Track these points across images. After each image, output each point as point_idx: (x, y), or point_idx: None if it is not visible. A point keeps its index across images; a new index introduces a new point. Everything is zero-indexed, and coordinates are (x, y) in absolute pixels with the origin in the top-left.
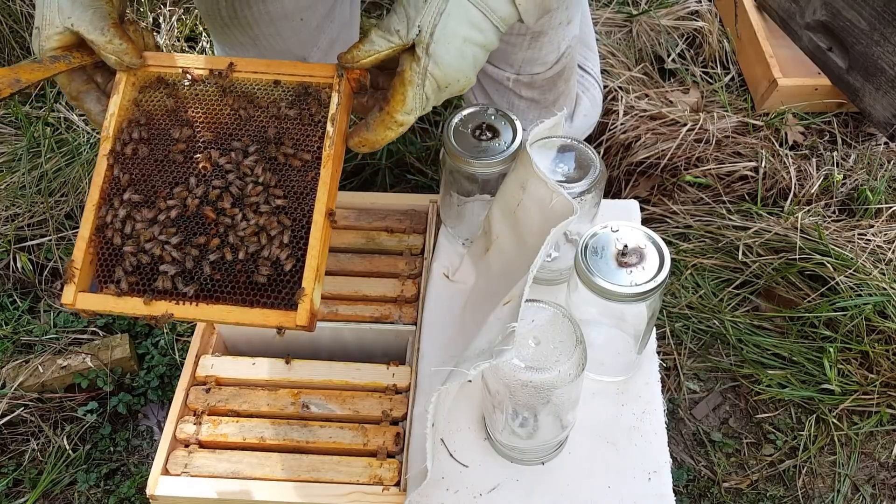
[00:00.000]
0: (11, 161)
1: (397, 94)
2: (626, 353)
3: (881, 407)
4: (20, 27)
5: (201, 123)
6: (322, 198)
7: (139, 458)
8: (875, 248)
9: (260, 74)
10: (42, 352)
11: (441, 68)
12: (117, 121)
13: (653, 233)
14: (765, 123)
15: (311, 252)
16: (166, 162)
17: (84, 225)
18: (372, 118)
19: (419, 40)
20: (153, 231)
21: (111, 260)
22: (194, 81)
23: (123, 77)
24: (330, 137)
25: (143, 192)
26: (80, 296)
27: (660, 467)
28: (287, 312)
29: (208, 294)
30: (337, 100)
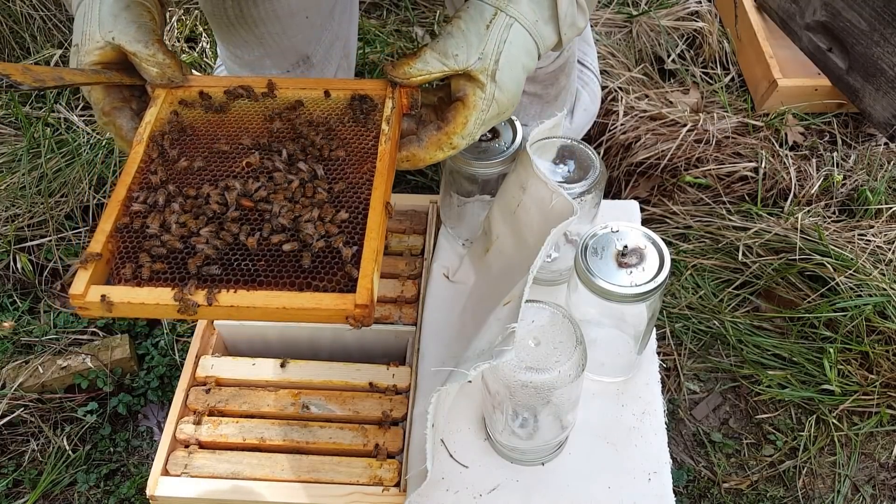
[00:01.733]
0: (11, 161)
1: (459, 116)
2: (626, 353)
3: (881, 407)
4: (20, 27)
5: (247, 131)
6: (380, 186)
7: (139, 458)
8: (875, 249)
9: (308, 91)
10: (42, 352)
11: (505, 94)
12: (152, 128)
13: (653, 233)
14: (765, 124)
15: (370, 234)
16: (205, 165)
17: (105, 219)
18: (426, 136)
19: (482, 67)
20: (184, 218)
21: (133, 250)
22: (238, 97)
23: (162, 93)
24: (385, 134)
25: (178, 187)
26: (94, 287)
27: (660, 468)
28: (343, 295)
29: (249, 278)
30: (391, 104)
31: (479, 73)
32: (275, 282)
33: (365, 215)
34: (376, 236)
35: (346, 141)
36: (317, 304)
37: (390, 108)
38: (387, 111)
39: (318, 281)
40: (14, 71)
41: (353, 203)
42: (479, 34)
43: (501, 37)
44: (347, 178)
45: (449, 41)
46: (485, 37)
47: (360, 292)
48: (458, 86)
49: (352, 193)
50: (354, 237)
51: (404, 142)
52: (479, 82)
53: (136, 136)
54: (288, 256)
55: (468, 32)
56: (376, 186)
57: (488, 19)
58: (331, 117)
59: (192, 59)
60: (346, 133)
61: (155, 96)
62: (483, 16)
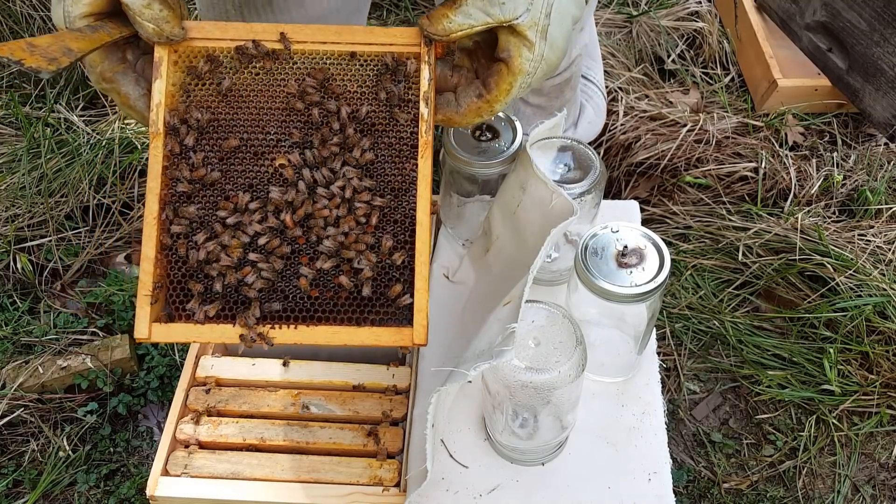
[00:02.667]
0: (11, 161)
1: (503, 82)
2: (626, 353)
3: (881, 408)
4: (20, 27)
5: (269, 112)
6: (424, 193)
7: (139, 458)
8: (875, 249)
9: (330, 45)
10: (42, 352)
11: (555, 52)
12: (165, 111)
13: (653, 233)
14: (765, 124)
15: (420, 258)
16: (235, 161)
17: (147, 242)
18: (465, 102)
19: (531, 21)
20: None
21: (186, 281)
22: (252, 59)
23: (164, 55)
24: (425, 121)
25: (211, 199)
26: (156, 327)
27: (660, 468)
28: (401, 330)
29: (307, 314)
30: (428, 74)
31: (527, 28)
32: (332, 317)
33: (412, 231)
34: (426, 259)
35: (383, 131)
36: (376, 341)
37: (427, 81)
38: (423, 84)
39: (374, 314)
40: (24, 54)
41: (398, 218)
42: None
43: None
44: (389, 183)
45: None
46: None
47: (417, 330)
48: (503, 43)
49: (395, 204)
50: (404, 262)
51: (440, 103)
52: (527, 40)
53: (150, 125)
54: (341, 289)
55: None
56: (420, 195)
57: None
58: (362, 98)
59: None
60: (381, 118)
61: (156, 62)
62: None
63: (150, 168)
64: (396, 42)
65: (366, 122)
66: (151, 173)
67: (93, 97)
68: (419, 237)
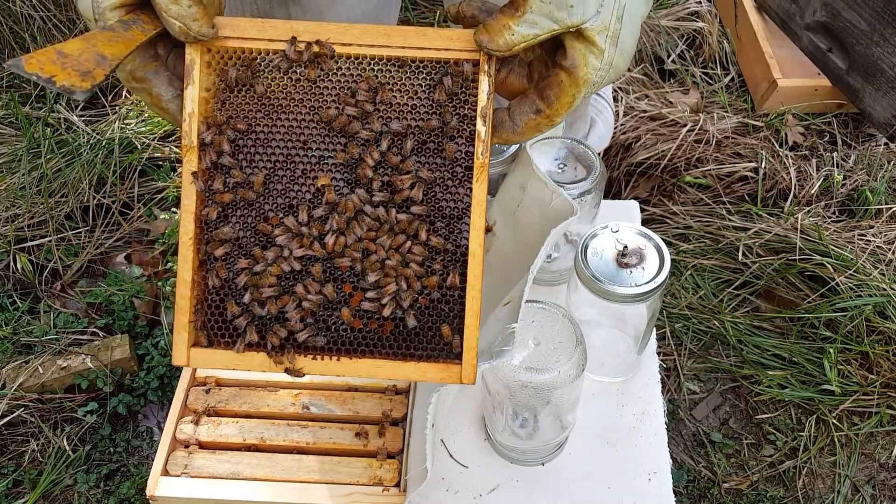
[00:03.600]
0: (11, 161)
1: (565, 94)
2: (626, 353)
3: (881, 408)
4: (20, 27)
5: (311, 125)
6: (478, 222)
7: (139, 458)
8: (875, 249)
9: (378, 49)
10: (42, 352)
11: (625, 59)
12: (199, 121)
13: (653, 233)
14: (765, 124)
15: (471, 292)
16: (273, 178)
17: (182, 264)
18: (522, 119)
19: (601, 26)
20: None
21: (224, 306)
22: (292, 63)
23: (196, 56)
24: (482, 140)
25: (249, 219)
26: (195, 352)
27: (660, 468)
28: (448, 366)
29: (350, 346)
30: (487, 87)
31: (596, 33)
32: (376, 350)
33: (464, 263)
34: (477, 294)
35: (434, 150)
36: (422, 376)
37: (486, 95)
38: (482, 99)
39: (421, 349)
40: (55, 68)
41: (449, 248)
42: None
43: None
44: (440, 209)
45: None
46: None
47: (466, 369)
48: (568, 49)
49: (446, 232)
50: (453, 295)
51: (493, 124)
52: (596, 46)
53: (183, 136)
54: (386, 321)
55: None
56: (474, 224)
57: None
58: (413, 111)
59: None
60: (432, 134)
61: (187, 65)
62: None
63: (185, 187)
64: (453, 46)
65: (416, 140)
66: (186, 191)
67: (92, 97)
68: (471, 269)
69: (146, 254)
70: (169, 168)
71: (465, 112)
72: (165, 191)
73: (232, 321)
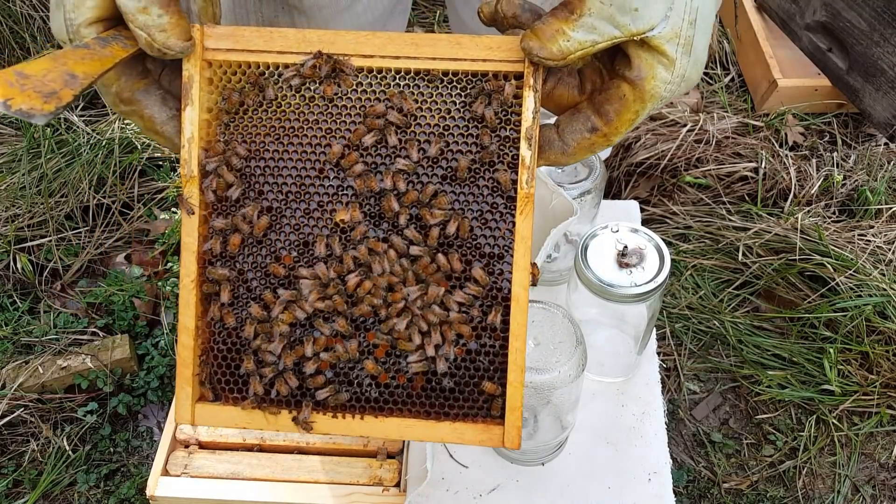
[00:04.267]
0: (11, 161)
1: (627, 110)
2: (626, 353)
3: (881, 408)
4: (20, 27)
5: (328, 150)
6: (522, 262)
7: (139, 458)
8: (875, 249)
9: (404, 61)
10: (42, 352)
11: (698, 70)
12: (200, 147)
13: (653, 233)
14: (765, 124)
15: (514, 343)
16: (285, 211)
17: (184, 310)
18: (574, 139)
19: (672, 33)
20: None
21: (233, 356)
22: (305, 79)
23: (195, 72)
24: (527, 167)
25: (259, 258)
26: (200, 409)
27: (660, 468)
28: (488, 426)
29: (375, 403)
30: (533, 104)
31: (665, 41)
32: (406, 408)
33: (506, 309)
34: (521, 344)
35: (471, 178)
36: (458, 438)
37: (531, 114)
38: (526, 118)
39: (456, 406)
40: (11, 91)
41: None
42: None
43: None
44: (477, 247)
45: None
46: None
47: (509, 431)
48: (633, 59)
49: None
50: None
51: (539, 144)
52: (666, 56)
53: (182, 165)
54: (417, 376)
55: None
56: (517, 264)
57: None
58: (445, 132)
59: None
60: (468, 160)
61: (185, 82)
62: None
63: (186, 222)
64: (492, 57)
65: (448, 168)
66: (186, 226)
67: (93, 97)
68: (514, 317)
69: (146, 254)
70: (169, 168)
71: (507, 133)
72: (165, 191)
73: (242, 374)
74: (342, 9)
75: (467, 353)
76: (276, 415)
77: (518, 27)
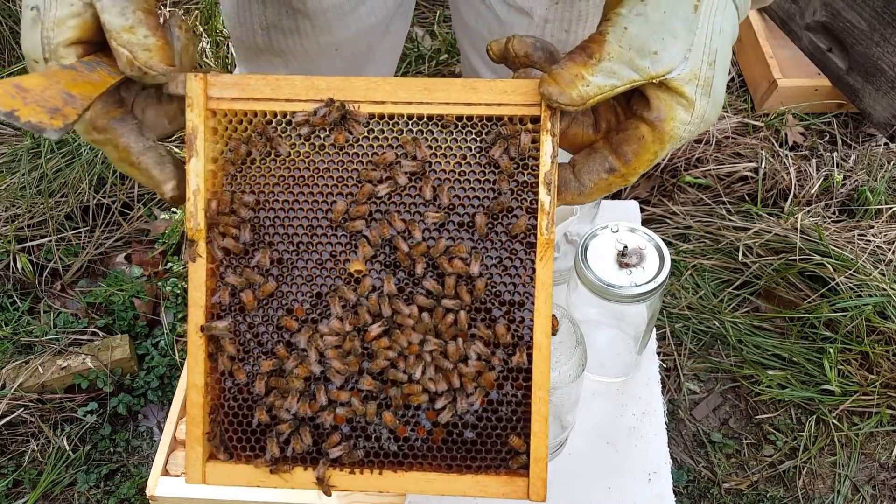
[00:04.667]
0: (12, 162)
1: (646, 151)
2: (626, 353)
3: (881, 408)
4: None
5: (338, 200)
6: (543, 309)
7: (139, 458)
8: (875, 249)
9: (417, 106)
10: (42, 352)
11: (717, 109)
12: (206, 199)
13: (653, 233)
14: (765, 124)
15: (537, 393)
16: (298, 262)
17: (193, 366)
18: (590, 178)
19: (691, 74)
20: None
21: (244, 413)
22: (315, 127)
23: (199, 123)
24: (546, 213)
25: (269, 309)
26: (211, 468)
27: (660, 468)
28: (512, 479)
29: (394, 458)
30: (551, 149)
31: (684, 82)
32: (425, 461)
33: (528, 358)
34: (544, 394)
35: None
36: (481, 492)
37: (549, 158)
38: (544, 163)
39: (479, 459)
40: (14, 102)
41: (509, 340)
42: (686, 19)
43: (714, 23)
44: (497, 295)
45: (643, 28)
46: (693, 23)
47: (534, 483)
48: (652, 101)
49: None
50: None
51: (557, 187)
52: (685, 98)
53: (188, 218)
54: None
55: (670, 16)
56: (539, 311)
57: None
58: (460, 178)
59: None
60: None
61: (191, 131)
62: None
63: (193, 274)
64: (507, 101)
65: (465, 214)
66: (193, 281)
67: None
68: (537, 365)
69: (146, 254)
70: None
71: (525, 179)
72: None
73: (256, 431)
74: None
75: (489, 404)
76: (290, 472)
77: (530, 66)
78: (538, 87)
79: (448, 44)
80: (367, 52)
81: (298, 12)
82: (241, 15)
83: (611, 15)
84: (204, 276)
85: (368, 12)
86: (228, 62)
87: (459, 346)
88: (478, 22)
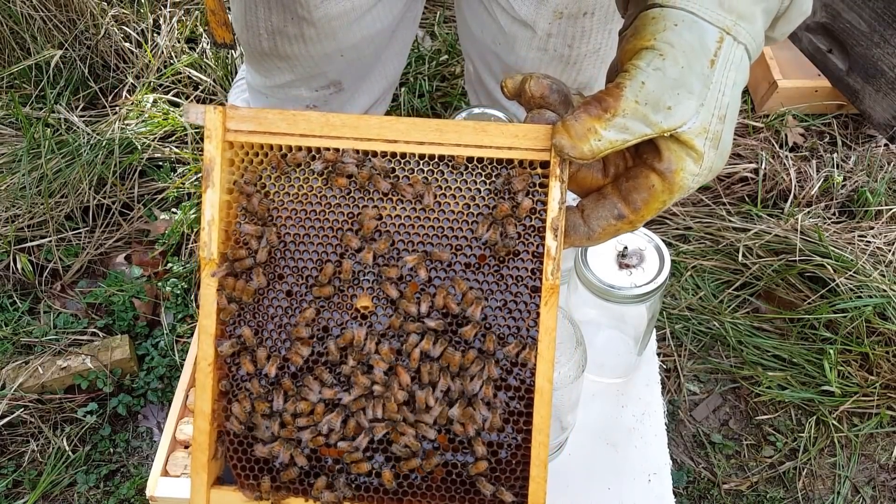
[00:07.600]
0: (12, 162)
1: (654, 200)
2: (626, 354)
3: (881, 409)
4: (20, 27)
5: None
6: (547, 354)
7: (139, 459)
8: (875, 250)
9: (428, 146)
10: (42, 353)
11: (724, 160)
12: (221, 230)
13: (653, 234)
14: (765, 125)
15: (537, 437)
16: (307, 296)
17: (201, 393)
18: (599, 224)
19: (702, 128)
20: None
21: (248, 441)
22: (326, 162)
23: (217, 154)
24: (553, 258)
25: (277, 342)
26: (216, 494)
27: (660, 469)
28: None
29: (395, 496)
30: (559, 195)
31: (694, 136)
32: (424, 496)
33: (528, 402)
34: (545, 439)
35: (494, 267)
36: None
37: (557, 204)
38: (552, 208)
39: (477, 494)
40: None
41: (512, 383)
42: (702, 75)
43: (728, 77)
44: (500, 338)
45: (660, 83)
46: (709, 78)
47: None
48: (663, 152)
49: (508, 365)
50: (515, 434)
51: (566, 230)
52: (695, 150)
53: (201, 247)
54: (437, 467)
55: (687, 71)
56: (542, 356)
57: (713, 50)
58: (468, 219)
59: (192, 59)
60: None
61: (208, 163)
62: (705, 45)
63: (204, 302)
64: (518, 145)
65: (471, 256)
66: (205, 309)
67: (93, 97)
68: (538, 410)
69: (146, 254)
70: (169, 168)
71: (532, 223)
72: (165, 191)
73: (259, 460)
74: (351, 20)
75: (488, 446)
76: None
77: (544, 108)
78: (551, 138)
79: (448, 45)
80: (372, 56)
81: (303, 20)
82: (248, 19)
83: (628, 66)
84: (215, 305)
85: (374, 20)
86: (229, 62)
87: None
88: (483, 32)
